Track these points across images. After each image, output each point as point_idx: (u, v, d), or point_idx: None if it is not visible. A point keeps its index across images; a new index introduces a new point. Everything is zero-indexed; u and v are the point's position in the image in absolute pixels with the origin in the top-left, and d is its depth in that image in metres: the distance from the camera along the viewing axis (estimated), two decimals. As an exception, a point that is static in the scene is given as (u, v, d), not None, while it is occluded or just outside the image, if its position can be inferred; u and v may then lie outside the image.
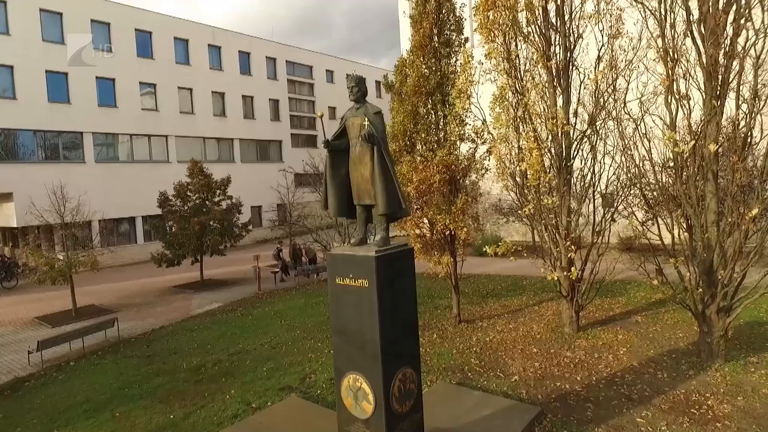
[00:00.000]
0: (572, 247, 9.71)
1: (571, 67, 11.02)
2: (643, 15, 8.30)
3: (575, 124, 11.01)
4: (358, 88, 5.72)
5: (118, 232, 28.63)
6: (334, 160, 5.82)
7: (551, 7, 10.87)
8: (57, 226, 17.48)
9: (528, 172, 9.44)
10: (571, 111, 10.88)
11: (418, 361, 6.00)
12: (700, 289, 8.41)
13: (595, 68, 11.13)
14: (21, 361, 12.10)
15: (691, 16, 8.36)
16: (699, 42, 8.18)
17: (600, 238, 10.71)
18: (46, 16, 25.52)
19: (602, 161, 10.96)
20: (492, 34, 9.84)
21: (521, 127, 9.93)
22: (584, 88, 11.27)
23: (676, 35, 7.84)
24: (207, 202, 19.96)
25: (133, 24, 29.02)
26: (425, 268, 12.70)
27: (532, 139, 9.27)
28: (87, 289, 19.57)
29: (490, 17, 9.65)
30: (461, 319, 12.83)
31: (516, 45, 10.10)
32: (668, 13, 7.92)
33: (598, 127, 10.57)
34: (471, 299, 15.40)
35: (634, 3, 8.52)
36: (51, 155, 26.00)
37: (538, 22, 10.71)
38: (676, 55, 7.74)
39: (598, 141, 10.64)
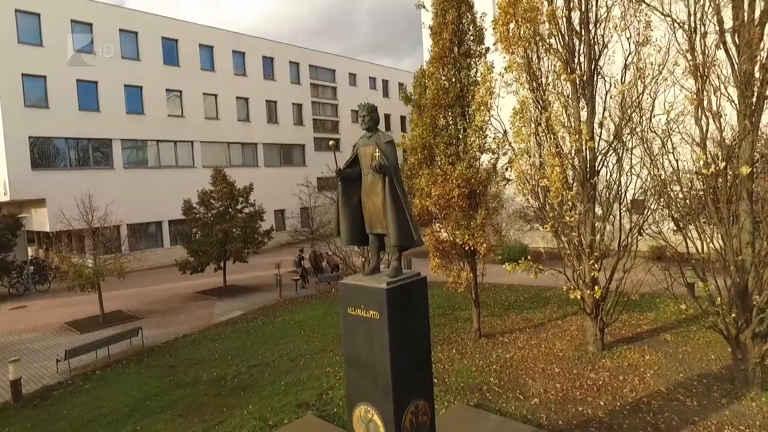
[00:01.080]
0: (595, 265, 9.38)
1: (596, 77, 10.69)
2: (672, 28, 7.93)
3: (600, 134, 10.67)
4: (370, 116, 5.62)
5: (145, 236, 29.30)
6: (346, 188, 5.74)
7: (575, 15, 10.58)
8: (86, 233, 17.95)
9: (550, 189, 9.16)
10: (596, 122, 10.57)
11: (431, 392, 5.86)
12: (734, 314, 8.00)
13: (622, 78, 10.79)
14: (50, 368, 12.47)
15: (724, 27, 7.97)
16: (733, 54, 7.78)
17: (626, 253, 10.35)
18: (78, 27, 26.29)
19: (629, 173, 10.59)
20: (512, 47, 9.59)
21: (543, 141, 9.65)
22: (610, 97, 10.91)
23: (707, 50, 7.45)
24: (230, 210, 20.20)
25: (160, 32, 29.65)
26: (446, 278, 12.53)
27: (554, 154, 8.98)
28: (114, 293, 20.07)
29: (510, 30, 9.39)
30: (481, 334, 12.61)
31: (537, 58, 9.83)
32: (699, 26, 7.54)
33: (624, 140, 10.21)
34: (492, 311, 15.14)
35: (662, 16, 8.14)
36: (81, 162, 26.81)
37: (562, 30, 10.41)
38: (706, 71, 7.37)
39: (625, 153, 10.29)
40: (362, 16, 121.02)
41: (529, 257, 9.96)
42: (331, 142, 6.02)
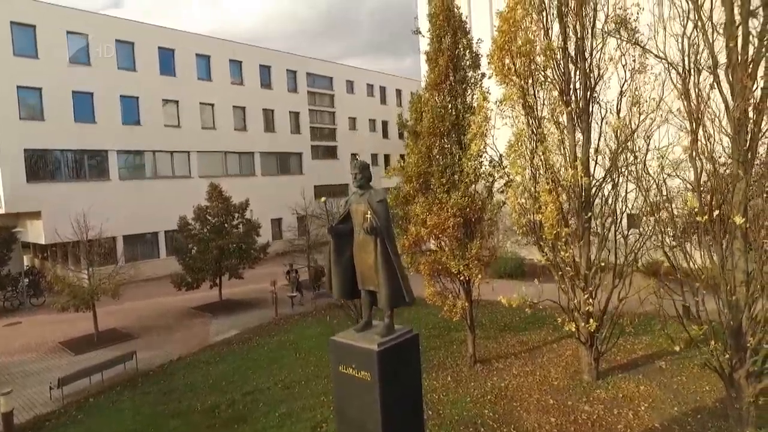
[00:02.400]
0: (590, 300, 9.37)
1: (591, 106, 10.69)
2: (667, 70, 7.91)
3: (596, 161, 10.67)
4: (362, 174, 5.59)
5: (141, 246, 29.19)
6: (338, 244, 5.71)
7: (570, 44, 10.57)
8: (81, 252, 17.83)
9: (544, 225, 9.15)
10: (592, 150, 10.57)
11: (424, 449, 5.84)
12: (728, 355, 7.98)
13: (617, 106, 10.80)
14: (43, 395, 12.39)
15: (718, 66, 7.95)
16: (727, 95, 7.76)
17: (621, 282, 10.34)
18: (73, 38, 26.18)
19: (624, 200, 10.58)
20: (508, 80, 9.57)
21: (538, 174, 9.63)
22: (606, 123, 10.92)
23: (701, 92, 7.44)
24: (225, 225, 20.14)
25: (156, 42, 29.54)
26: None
27: (549, 191, 8.96)
28: (109, 308, 19.93)
29: (506, 65, 9.38)
30: (477, 359, 12.58)
31: (534, 91, 9.81)
32: (692, 69, 7.52)
33: (620, 168, 10.22)
34: (488, 332, 15.12)
35: (656, 58, 8.13)
36: (77, 173, 26.68)
37: (557, 59, 10.40)
38: (701, 115, 7.35)
39: (620, 179, 10.28)
40: (363, 16, 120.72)
41: (525, 293, 9.92)
42: (322, 198, 5.99)
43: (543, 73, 9.94)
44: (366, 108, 44.35)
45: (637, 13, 10.57)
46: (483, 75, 12.13)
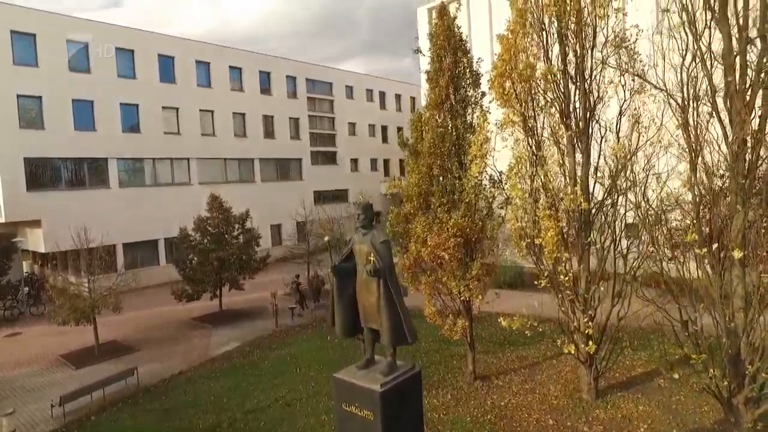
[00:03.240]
0: (590, 323, 9.44)
1: (591, 127, 10.76)
2: (667, 101, 7.98)
3: (596, 179, 10.75)
4: (365, 215, 5.65)
5: (141, 254, 29.20)
6: (341, 282, 5.76)
7: (570, 65, 10.64)
8: (82, 266, 17.79)
9: (544, 249, 9.22)
10: (592, 169, 10.66)
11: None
12: (726, 381, 8.05)
13: (617, 126, 10.88)
14: (44, 412, 12.41)
15: (717, 95, 8.03)
16: (726, 125, 7.84)
17: (620, 302, 10.41)
18: (73, 46, 26.20)
19: (623, 220, 10.67)
20: (508, 104, 9.65)
21: (538, 197, 9.70)
22: (605, 142, 11.00)
23: (700, 124, 7.51)
24: (226, 236, 20.18)
25: (156, 50, 29.56)
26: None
27: (549, 216, 9.03)
28: (109, 319, 19.89)
29: (506, 89, 9.45)
30: (476, 376, 12.65)
31: (534, 113, 9.89)
32: (691, 100, 7.60)
33: (619, 190, 10.30)
34: (487, 346, 15.18)
35: (656, 88, 8.21)
36: (77, 182, 26.70)
37: (557, 80, 10.47)
38: (700, 147, 7.42)
39: (620, 200, 10.37)
40: (362, 16, 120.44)
41: (525, 315, 9.99)
42: (327, 237, 6.05)
43: (544, 96, 9.99)
44: (365, 113, 44.40)
45: (636, 35, 10.66)
46: (483, 94, 12.20)
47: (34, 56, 24.87)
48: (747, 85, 7.83)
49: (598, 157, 11.06)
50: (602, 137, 10.99)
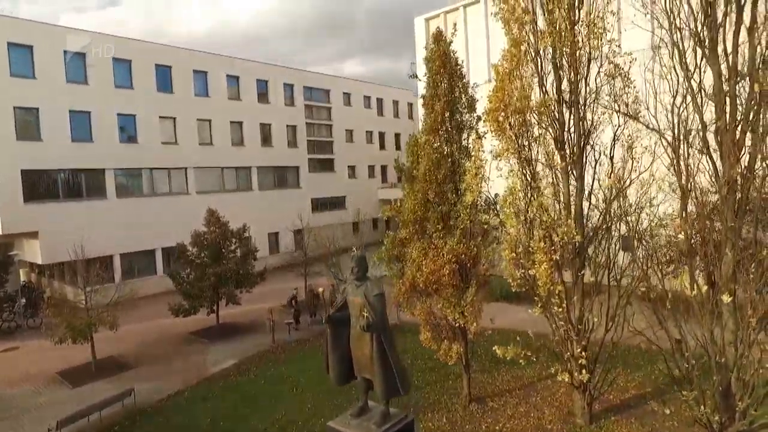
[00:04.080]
0: (583, 353, 9.54)
1: (585, 155, 10.86)
2: (660, 142, 8.09)
3: (590, 203, 10.86)
4: (359, 267, 5.73)
5: (138, 264, 29.21)
6: (335, 331, 5.85)
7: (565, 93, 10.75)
8: (79, 279, 17.76)
9: (538, 281, 9.31)
10: (586, 193, 10.77)
11: None
12: (717, 416, 8.15)
13: (611, 151, 11.00)
14: (41, 435, 12.45)
15: (707, 131, 8.14)
16: (718, 164, 7.96)
17: (614, 324, 10.51)
18: (70, 57, 26.19)
19: (617, 247, 10.77)
20: (503, 135, 9.75)
21: (532, 228, 9.80)
22: (599, 165, 11.12)
23: (691, 168, 7.62)
24: (223, 250, 20.22)
25: (153, 59, 29.57)
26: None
27: (543, 250, 9.12)
28: (106, 333, 19.89)
29: (500, 121, 9.55)
30: (472, 398, 12.74)
31: (528, 143, 9.99)
32: (683, 141, 7.71)
33: (612, 214, 10.42)
34: (483, 365, 15.25)
35: (648, 128, 8.32)
36: (74, 193, 26.67)
37: (552, 109, 10.57)
38: (691, 186, 7.53)
39: (613, 225, 10.47)
40: (361, 16, 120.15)
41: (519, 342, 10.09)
42: (321, 289, 6.12)
43: (539, 125, 10.10)
44: (363, 120, 44.46)
45: (630, 63, 10.77)
46: (479, 118, 12.29)
47: (31, 68, 24.85)
48: (736, 124, 7.96)
49: (593, 182, 11.19)
50: (596, 161, 11.12)
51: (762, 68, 7.38)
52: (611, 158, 10.93)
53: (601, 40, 10.00)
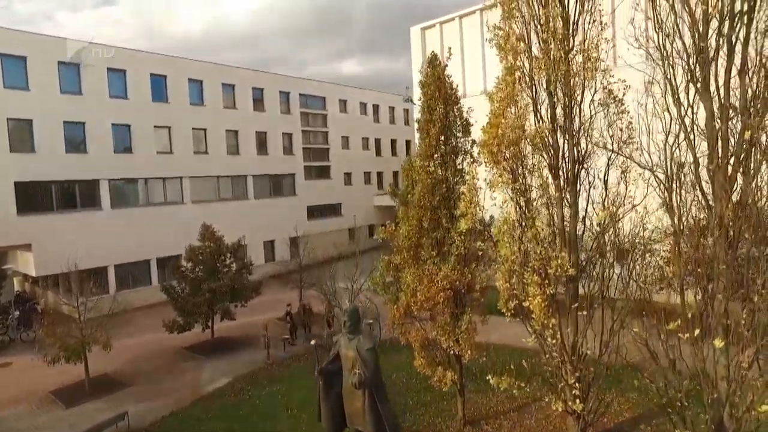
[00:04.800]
0: (577, 384, 9.55)
1: (579, 182, 10.89)
2: (654, 177, 8.12)
3: (585, 227, 10.89)
4: (351, 321, 5.73)
5: (133, 274, 29.09)
6: (327, 383, 5.84)
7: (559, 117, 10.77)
8: (73, 294, 17.66)
9: (532, 312, 9.32)
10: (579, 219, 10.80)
11: None
12: (710, 453, 8.18)
13: (605, 176, 11.03)
14: (34, 460, 12.39)
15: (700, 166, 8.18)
16: (710, 197, 7.98)
17: (608, 350, 10.54)
18: (64, 68, 26.06)
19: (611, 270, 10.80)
20: (497, 165, 9.76)
21: (526, 259, 9.80)
22: (593, 188, 11.15)
23: (684, 208, 7.65)
24: (218, 264, 20.17)
25: (148, 69, 29.46)
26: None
27: (536, 283, 9.13)
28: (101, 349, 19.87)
29: (494, 152, 9.56)
30: (466, 421, 12.75)
31: (523, 174, 10.00)
32: (674, 180, 7.74)
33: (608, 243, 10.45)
34: (478, 383, 15.17)
35: (641, 166, 8.35)
36: (68, 204, 26.54)
37: (546, 136, 10.59)
38: (684, 227, 7.56)
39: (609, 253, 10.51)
40: (358, 15, 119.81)
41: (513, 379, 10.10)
42: (314, 341, 6.11)
43: (533, 155, 10.11)
44: (359, 126, 44.45)
45: (624, 89, 10.80)
46: (473, 142, 12.30)
47: (25, 79, 24.71)
48: (727, 161, 8.00)
49: (587, 205, 11.23)
50: (590, 185, 11.16)
51: (753, 112, 7.41)
52: (605, 182, 10.98)
53: (595, 70, 10.01)
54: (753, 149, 7.36)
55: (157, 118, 29.84)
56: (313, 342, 5.98)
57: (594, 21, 10.52)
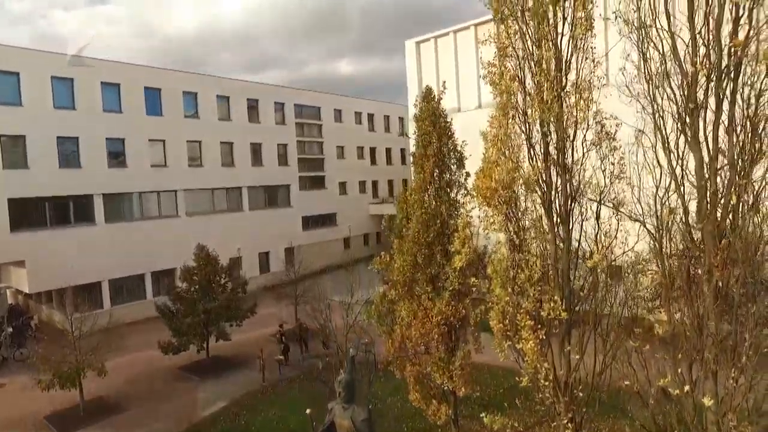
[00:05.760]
0: (570, 425, 9.68)
1: (571, 219, 11.03)
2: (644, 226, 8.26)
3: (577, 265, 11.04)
4: (346, 391, 5.82)
5: (128, 288, 29.00)
6: (323, 451, 5.93)
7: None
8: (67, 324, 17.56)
9: (525, 357, 9.44)
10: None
11: None
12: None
13: (597, 213, 11.18)
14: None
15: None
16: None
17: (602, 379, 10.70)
18: (58, 82, 25.95)
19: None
20: (491, 206, 9.87)
21: (520, 299, 9.92)
22: (586, 220, 11.31)
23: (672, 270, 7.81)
24: (212, 284, 20.18)
25: (142, 83, 29.38)
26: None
27: (530, 327, 9.25)
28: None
29: (488, 196, 9.67)
30: (461, 451, 12.85)
31: (516, 220, 10.12)
32: (664, 233, 7.88)
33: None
34: (472, 408, 15.35)
35: (631, 219, 8.48)
36: (62, 220, 26.42)
37: (540, 174, 10.73)
38: (673, 282, 7.70)
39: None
40: (353, 14, 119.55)
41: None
42: (308, 411, 6.19)
43: (526, 197, 10.23)
44: (354, 136, 44.48)
45: (616, 127, 10.94)
46: (468, 174, 12.42)
47: (18, 95, 24.58)
48: (715, 211, 8.15)
49: (579, 238, 11.37)
50: (583, 218, 11.31)
51: (740, 167, 7.56)
52: (597, 218, 11.13)
53: (587, 113, 10.15)
54: (740, 206, 7.51)
55: (151, 131, 29.76)
56: (308, 411, 6.05)
57: (587, 58, 10.72)
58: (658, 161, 8.26)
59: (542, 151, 10.89)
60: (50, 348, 17.03)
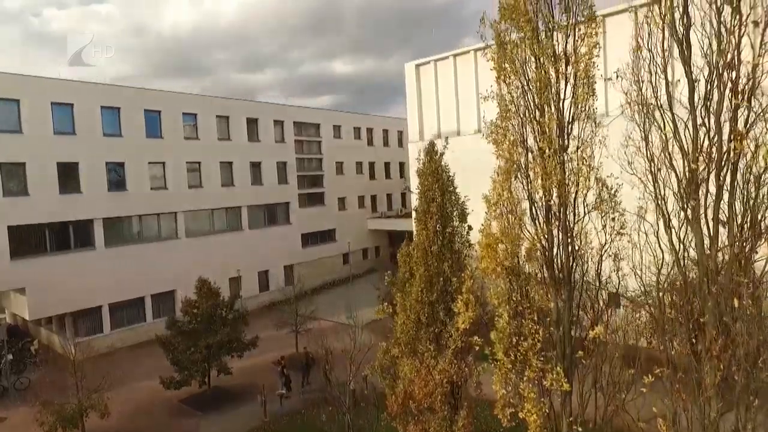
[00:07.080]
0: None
1: (573, 277, 11.15)
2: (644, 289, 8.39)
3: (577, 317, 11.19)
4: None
5: (128, 312, 29.00)
6: None
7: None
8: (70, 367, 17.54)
9: (528, 428, 9.56)
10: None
11: None
12: None
13: (598, 268, 11.32)
14: None
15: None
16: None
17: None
18: (58, 108, 25.94)
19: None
20: (495, 275, 10.00)
21: (523, 368, 10.04)
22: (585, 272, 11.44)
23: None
24: (214, 317, 20.23)
25: (142, 105, 29.40)
26: None
27: (531, 400, 9.37)
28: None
29: (489, 270, 9.81)
30: (463, 501, 12.95)
31: (519, 290, 10.24)
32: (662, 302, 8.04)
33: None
34: (474, 451, 15.49)
35: (631, 302, 8.61)
36: (62, 245, 26.39)
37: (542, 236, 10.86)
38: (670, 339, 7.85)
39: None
40: (349, 14, 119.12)
41: None
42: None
43: (528, 266, 10.36)
44: (353, 151, 44.55)
45: (615, 190, 11.08)
46: (470, 228, 12.54)
47: (18, 122, 24.56)
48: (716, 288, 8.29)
49: (580, 296, 11.51)
50: (583, 274, 11.44)
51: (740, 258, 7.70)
52: (598, 274, 11.26)
53: (588, 181, 10.28)
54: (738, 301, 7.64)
55: (151, 154, 29.77)
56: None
57: (588, 117, 10.85)
58: (659, 242, 8.40)
59: (543, 214, 11.05)
60: (52, 375, 17.06)
